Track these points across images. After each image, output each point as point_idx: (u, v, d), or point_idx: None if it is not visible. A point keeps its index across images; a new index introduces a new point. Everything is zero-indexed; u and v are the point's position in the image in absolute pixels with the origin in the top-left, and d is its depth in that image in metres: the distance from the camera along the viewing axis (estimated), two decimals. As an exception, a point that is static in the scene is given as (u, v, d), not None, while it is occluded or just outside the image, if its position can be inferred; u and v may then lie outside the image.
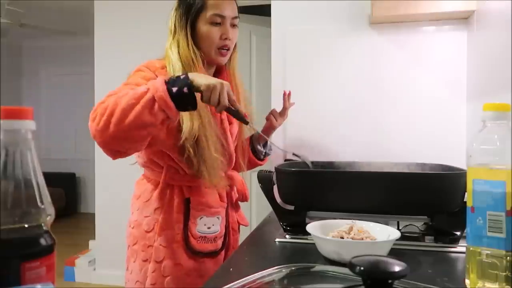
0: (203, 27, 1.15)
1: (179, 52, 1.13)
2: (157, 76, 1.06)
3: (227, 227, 1.22)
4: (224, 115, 1.21)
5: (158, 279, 1.09)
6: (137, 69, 1.12)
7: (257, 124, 1.35)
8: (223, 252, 1.20)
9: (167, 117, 0.94)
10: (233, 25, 1.19)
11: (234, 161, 1.26)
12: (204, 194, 1.15)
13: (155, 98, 0.91)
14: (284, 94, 1.49)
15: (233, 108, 1.02)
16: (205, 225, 1.14)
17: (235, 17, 1.19)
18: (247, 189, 1.31)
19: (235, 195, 1.29)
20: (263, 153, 1.44)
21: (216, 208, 1.17)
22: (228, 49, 1.19)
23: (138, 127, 0.92)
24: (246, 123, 1.08)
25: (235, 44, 1.25)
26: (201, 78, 0.96)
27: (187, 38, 1.15)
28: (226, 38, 1.16)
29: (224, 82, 0.98)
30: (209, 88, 0.95)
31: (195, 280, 1.12)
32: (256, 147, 1.42)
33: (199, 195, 1.15)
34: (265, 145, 1.45)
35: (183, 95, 0.93)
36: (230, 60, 1.25)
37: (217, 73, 1.27)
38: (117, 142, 0.95)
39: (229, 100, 0.99)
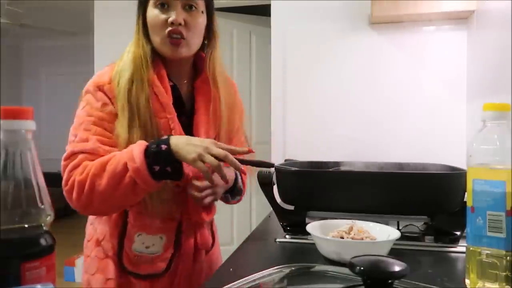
0: (150, 12, 0.97)
1: (133, 51, 0.98)
2: (105, 101, 0.94)
3: (176, 249, 1.02)
4: (177, 126, 0.99)
5: None
6: (86, 90, 0.97)
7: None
8: (166, 277, 1.01)
9: (157, 188, 0.90)
10: (190, 7, 0.96)
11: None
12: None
13: (136, 181, 0.85)
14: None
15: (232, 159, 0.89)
16: (143, 243, 0.99)
17: None
18: (213, 210, 1.09)
19: (197, 215, 1.03)
20: (228, 198, 1.13)
21: (159, 226, 1.00)
22: (181, 37, 0.96)
23: (123, 205, 0.94)
24: (269, 166, 1.00)
25: (213, 38, 1.05)
26: (184, 151, 0.86)
27: (138, 31, 1.00)
28: (173, 23, 0.94)
29: (206, 142, 0.88)
30: (195, 161, 0.85)
31: None
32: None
33: (140, 209, 0.98)
34: (233, 191, 1.11)
35: (167, 174, 0.87)
36: (209, 59, 1.04)
37: (196, 76, 1.07)
38: (103, 214, 1.00)
39: (226, 156, 0.88)
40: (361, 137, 1.84)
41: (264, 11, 2.64)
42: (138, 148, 0.87)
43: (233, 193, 1.11)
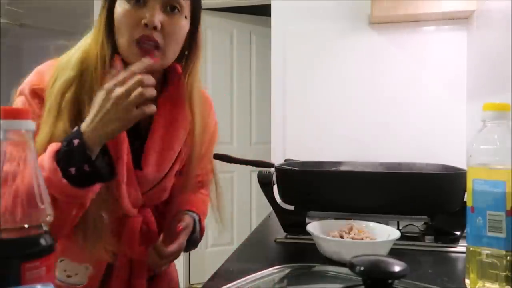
0: (119, 6, 0.76)
1: (85, 48, 0.79)
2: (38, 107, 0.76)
3: (104, 284, 0.85)
4: (124, 153, 0.79)
5: None
6: (20, 91, 0.84)
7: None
8: None
9: (84, 199, 0.69)
10: (172, 8, 0.77)
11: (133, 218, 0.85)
12: None
13: (52, 194, 0.62)
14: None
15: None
16: (65, 271, 0.83)
17: None
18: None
19: (134, 253, 0.86)
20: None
21: (87, 254, 0.78)
22: (155, 45, 0.76)
23: (56, 226, 0.68)
24: (269, 166, 0.99)
25: (195, 50, 0.86)
26: (105, 129, 0.66)
27: (99, 26, 0.79)
28: (147, 25, 0.74)
29: (103, 93, 0.67)
30: (124, 120, 0.66)
31: None
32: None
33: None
34: (189, 241, 0.93)
35: (87, 176, 0.66)
36: (188, 75, 0.85)
37: (164, 86, 0.87)
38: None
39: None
40: (361, 137, 1.84)
41: (264, 11, 2.64)
42: (48, 152, 0.67)
43: (189, 243, 0.92)
